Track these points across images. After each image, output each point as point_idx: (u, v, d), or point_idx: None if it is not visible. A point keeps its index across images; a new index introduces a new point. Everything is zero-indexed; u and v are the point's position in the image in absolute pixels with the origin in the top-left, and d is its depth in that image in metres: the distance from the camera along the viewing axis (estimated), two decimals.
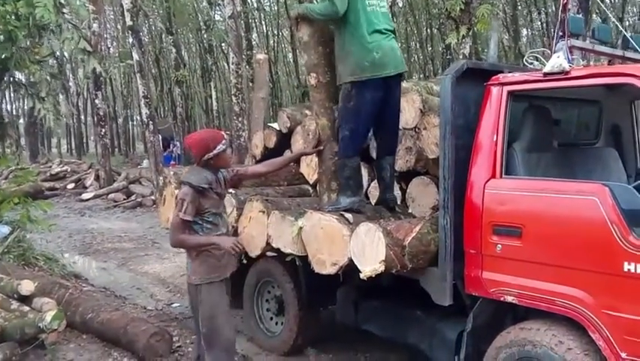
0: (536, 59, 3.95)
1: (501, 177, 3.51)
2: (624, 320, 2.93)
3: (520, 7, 27.60)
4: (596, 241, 3.01)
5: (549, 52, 3.83)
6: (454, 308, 3.79)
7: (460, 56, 10.98)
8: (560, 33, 3.49)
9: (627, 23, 21.99)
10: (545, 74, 3.34)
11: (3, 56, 5.86)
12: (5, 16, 5.48)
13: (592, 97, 4.22)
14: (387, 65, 4.04)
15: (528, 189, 3.39)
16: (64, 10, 6.13)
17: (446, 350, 3.91)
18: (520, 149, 3.60)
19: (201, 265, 3.81)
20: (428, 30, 29.98)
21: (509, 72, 3.73)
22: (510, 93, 3.55)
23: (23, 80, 6.51)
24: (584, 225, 3.08)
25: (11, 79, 6.38)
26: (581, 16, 4.15)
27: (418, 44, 31.49)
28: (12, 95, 33.20)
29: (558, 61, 3.24)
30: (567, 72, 3.26)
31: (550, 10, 27.70)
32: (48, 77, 6.36)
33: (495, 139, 3.54)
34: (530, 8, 29.61)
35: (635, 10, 26.63)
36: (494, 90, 3.62)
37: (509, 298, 3.42)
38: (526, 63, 4.01)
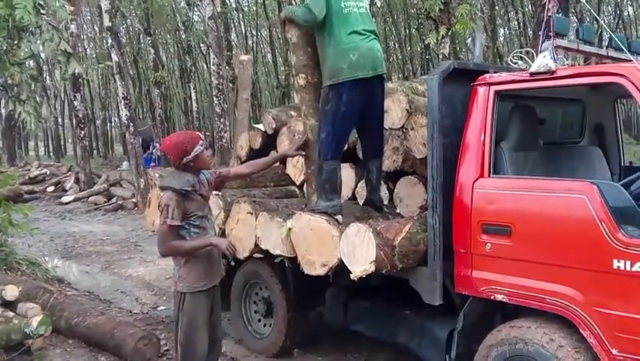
0: (520, 58, 3.99)
1: (489, 176, 3.54)
2: (614, 316, 2.96)
3: (497, 7, 27.82)
4: (585, 238, 3.05)
5: (533, 52, 3.87)
6: (443, 307, 3.81)
7: (440, 56, 11.04)
8: (546, 33, 3.53)
9: (604, 23, 22.27)
10: (532, 74, 3.38)
11: None
12: None
13: (576, 96, 4.28)
14: (364, 66, 3.99)
15: (517, 188, 3.42)
16: (43, 12, 6.02)
17: (437, 349, 3.93)
18: (507, 148, 3.64)
19: (190, 272, 3.69)
20: (406, 30, 30.11)
21: (495, 72, 3.77)
22: (497, 93, 3.59)
23: (0, 82, 6.38)
24: (573, 223, 3.11)
25: None
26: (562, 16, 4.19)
27: (396, 44, 31.61)
28: None
29: (544, 61, 3.28)
30: (553, 72, 3.30)
31: (527, 10, 28.01)
32: (29, 80, 6.25)
33: (482, 138, 3.57)
34: (507, 8, 29.90)
35: (609, 9, 27.04)
36: (481, 90, 3.65)
37: (499, 297, 3.45)
38: (510, 63, 4.05)
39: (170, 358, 5.12)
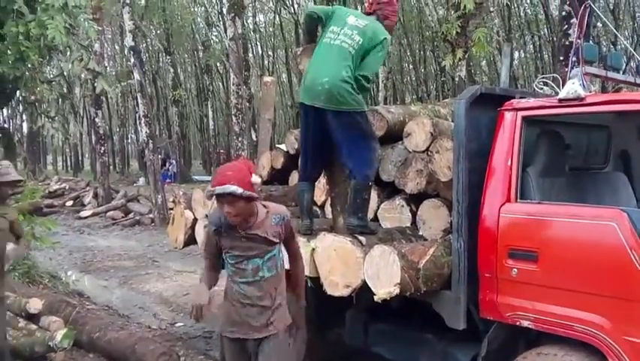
0: (545, 84, 4.01)
1: (516, 201, 3.54)
2: None
3: (513, 31, 27.91)
4: (615, 266, 3.03)
5: (559, 78, 3.89)
6: (466, 332, 3.78)
7: (456, 79, 11.09)
8: (575, 59, 3.54)
9: (619, 47, 22.22)
10: (560, 100, 3.39)
11: (14, 76, 5.89)
12: (17, 36, 5.51)
13: (601, 122, 4.27)
14: (305, 94, 4.22)
15: (544, 214, 3.41)
16: (74, 32, 6.17)
17: None
18: (534, 173, 3.63)
19: (220, 311, 3.38)
20: (421, 52, 30.25)
21: (521, 97, 3.78)
22: (524, 118, 3.60)
23: (31, 99, 6.53)
24: (602, 250, 3.10)
25: (21, 98, 6.42)
26: (590, 43, 4.21)
27: (411, 65, 31.76)
28: (9, 112, 33.22)
29: (573, 87, 3.29)
30: (583, 99, 3.31)
31: (542, 33, 28.06)
32: (58, 97, 6.38)
33: (509, 163, 3.58)
34: (524, 32, 29.98)
35: (627, 33, 26.99)
36: (508, 115, 3.66)
37: (525, 323, 3.43)
38: (536, 88, 4.07)
39: None
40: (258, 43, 35.08)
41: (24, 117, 29.94)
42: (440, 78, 25.16)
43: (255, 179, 3.01)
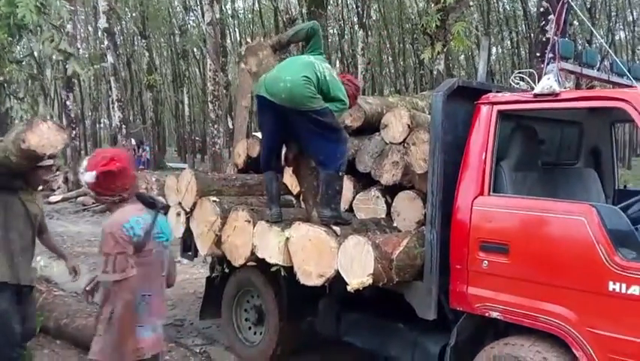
0: (522, 79, 4.06)
1: (489, 194, 3.58)
2: (608, 338, 3.00)
3: (492, 26, 28.14)
4: (582, 260, 3.09)
5: (535, 73, 3.93)
6: (436, 322, 3.83)
7: (435, 72, 11.17)
8: (551, 55, 3.58)
9: (594, 46, 22.57)
10: (536, 95, 3.43)
11: None
12: None
13: (574, 118, 4.33)
14: (264, 87, 4.21)
15: (516, 207, 3.46)
16: (45, 11, 6.03)
17: None
18: (507, 167, 3.68)
19: None
20: (400, 44, 30.34)
21: (497, 92, 3.82)
22: (500, 112, 3.64)
23: None
24: (570, 244, 3.16)
25: None
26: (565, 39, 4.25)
27: (390, 58, 31.84)
28: None
29: (549, 83, 3.33)
30: (557, 94, 3.35)
31: (520, 29, 28.35)
32: (27, 78, 6.24)
33: (484, 157, 3.62)
34: (502, 27, 30.25)
35: (602, 32, 27.40)
36: (484, 109, 3.70)
37: (494, 314, 3.48)
38: (512, 83, 4.11)
39: None
40: (237, 30, 34.80)
41: None
42: (419, 71, 25.32)
43: (88, 177, 2.85)
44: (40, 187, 4.41)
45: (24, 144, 3.49)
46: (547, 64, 3.64)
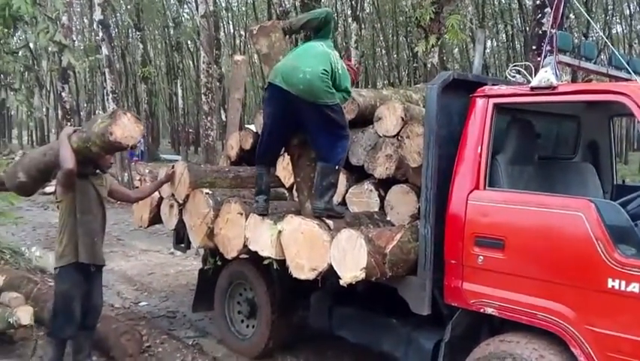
0: (518, 72, 4.00)
1: (484, 188, 3.53)
2: (607, 336, 2.95)
3: (487, 19, 28.05)
4: (581, 256, 3.04)
5: (532, 66, 3.88)
6: (430, 318, 3.79)
7: (428, 65, 11.09)
8: (548, 48, 3.53)
9: (591, 39, 22.53)
10: (533, 88, 3.37)
11: None
12: None
13: (572, 112, 4.28)
14: (280, 76, 4.09)
15: (512, 202, 3.41)
16: (40, 2, 5.98)
17: (422, 359, 3.91)
18: (503, 161, 3.63)
19: None
20: (394, 37, 30.23)
21: (493, 84, 3.77)
22: (495, 105, 3.58)
23: None
24: (568, 240, 3.10)
25: None
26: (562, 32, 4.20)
27: (383, 50, 31.72)
28: None
29: (546, 76, 3.27)
30: (555, 87, 3.30)
31: (515, 23, 28.28)
32: (22, 69, 6.18)
33: (479, 150, 3.56)
34: (497, 20, 30.17)
35: (598, 26, 27.36)
36: (480, 102, 3.64)
37: (489, 310, 3.43)
38: (508, 76, 4.06)
39: (151, 354, 5.07)
40: (230, 22, 34.63)
41: None
42: (412, 64, 25.17)
43: None
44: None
45: (112, 137, 3.84)
46: (545, 57, 3.58)
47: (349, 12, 24.34)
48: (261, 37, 4.55)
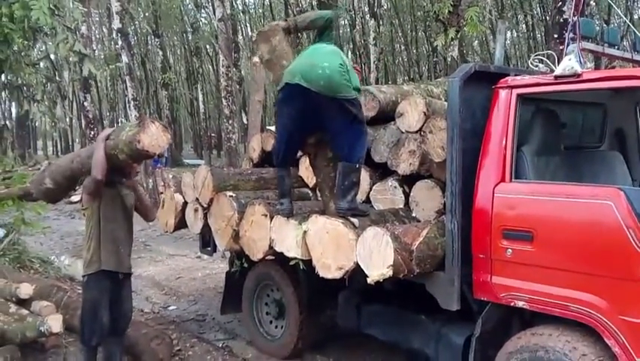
0: (541, 61, 3.94)
1: (510, 180, 3.49)
2: None
3: (506, 10, 27.76)
4: (612, 245, 2.98)
5: (555, 54, 3.82)
6: (459, 313, 3.76)
7: (448, 59, 11.01)
8: (571, 36, 3.47)
9: (612, 26, 22.15)
10: (557, 77, 3.32)
11: None
12: (1, 18, 5.40)
13: (597, 100, 4.20)
14: (299, 75, 4.04)
15: (540, 193, 3.36)
16: (59, 13, 6.06)
17: (453, 356, 3.87)
18: (529, 152, 3.57)
19: None
20: (413, 32, 30.06)
21: (516, 75, 3.71)
22: (519, 96, 3.53)
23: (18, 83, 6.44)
24: (598, 229, 3.05)
25: (6, 81, 6.31)
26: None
27: (402, 46, 31.56)
28: None
29: (570, 63, 3.22)
30: (579, 75, 3.24)
31: (535, 12, 27.94)
32: (43, 80, 6.27)
33: (504, 143, 3.52)
34: (516, 11, 29.83)
35: (621, 10, 26.90)
36: (503, 93, 3.59)
37: (520, 304, 3.39)
38: (531, 65, 4.00)
39: (182, 358, 5.10)
40: (248, 25, 34.74)
41: (12, 102, 29.70)
42: (432, 59, 25.01)
43: None
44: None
45: (139, 145, 3.82)
46: (568, 45, 3.52)
47: (367, 9, 24.25)
48: (261, 43, 4.56)
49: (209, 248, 5.71)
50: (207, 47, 31.16)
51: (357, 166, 4.22)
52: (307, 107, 4.13)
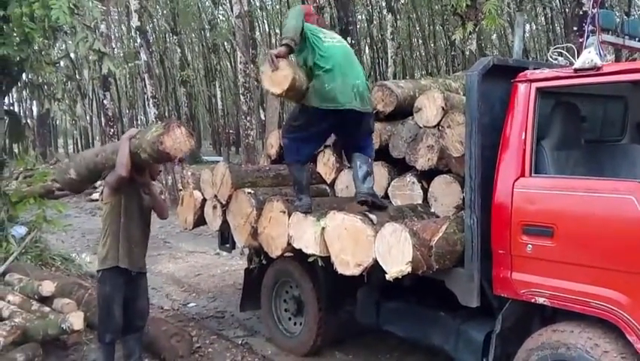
0: (560, 54, 3.89)
1: (530, 175, 3.45)
2: None
3: (524, 3, 27.46)
4: (634, 240, 2.94)
5: (574, 47, 3.77)
6: (479, 309, 3.73)
7: (466, 53, 10.92)
8: (591, 28, 3.42)
9: (633, 17, 21.83)
10: (576, 70, 3.27)
11: (19, 58, 5.85)
12: (21, 18, 5.46)
13: (617, 93, 4.14)
14: (337, 95, 4.11)
15: (560, 188, 3.32)
16: (79, 12, 6.12)
17: (473, 352, 3.85)
18: (549, 146, 3.54)
19: None
20: (430, 26, 29.86)
21: (535, 68, 3.67)
22: (538, 90, 3.49)
23: (39, 81, 6.52)
24: (620, 224, 3.01)
25: (27, 80, 6.39)
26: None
27: (420, 40, 31.37)
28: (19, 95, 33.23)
29: (590, 56, 3.17)
30: (599, 68, 3.19)
31: (554, 5, 27.60)
32: (64, 79, 6.34)
33: (523, 137, 3.48)
34: (535, 3, 29.49)
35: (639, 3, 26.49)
36: (522, 87, 3.55)
37: (540, 300, 3.36)
38: (550, 58, 3.95)
39: (202, 354, 5.13)
40: (265, 21, 34.76)
41: (33, 100, 30.08)
42: (450, 53, 24.79)
43: None
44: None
45: (161, 146, 3.90)
46: (587, 37, 3.46)
47: (384, 3, 24.14)
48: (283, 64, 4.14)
49: (228, 245, 5.73)
50: (225, 43, 31.20)
51: (370, 160, 4.42)
52: (338, 123, 4.29)
